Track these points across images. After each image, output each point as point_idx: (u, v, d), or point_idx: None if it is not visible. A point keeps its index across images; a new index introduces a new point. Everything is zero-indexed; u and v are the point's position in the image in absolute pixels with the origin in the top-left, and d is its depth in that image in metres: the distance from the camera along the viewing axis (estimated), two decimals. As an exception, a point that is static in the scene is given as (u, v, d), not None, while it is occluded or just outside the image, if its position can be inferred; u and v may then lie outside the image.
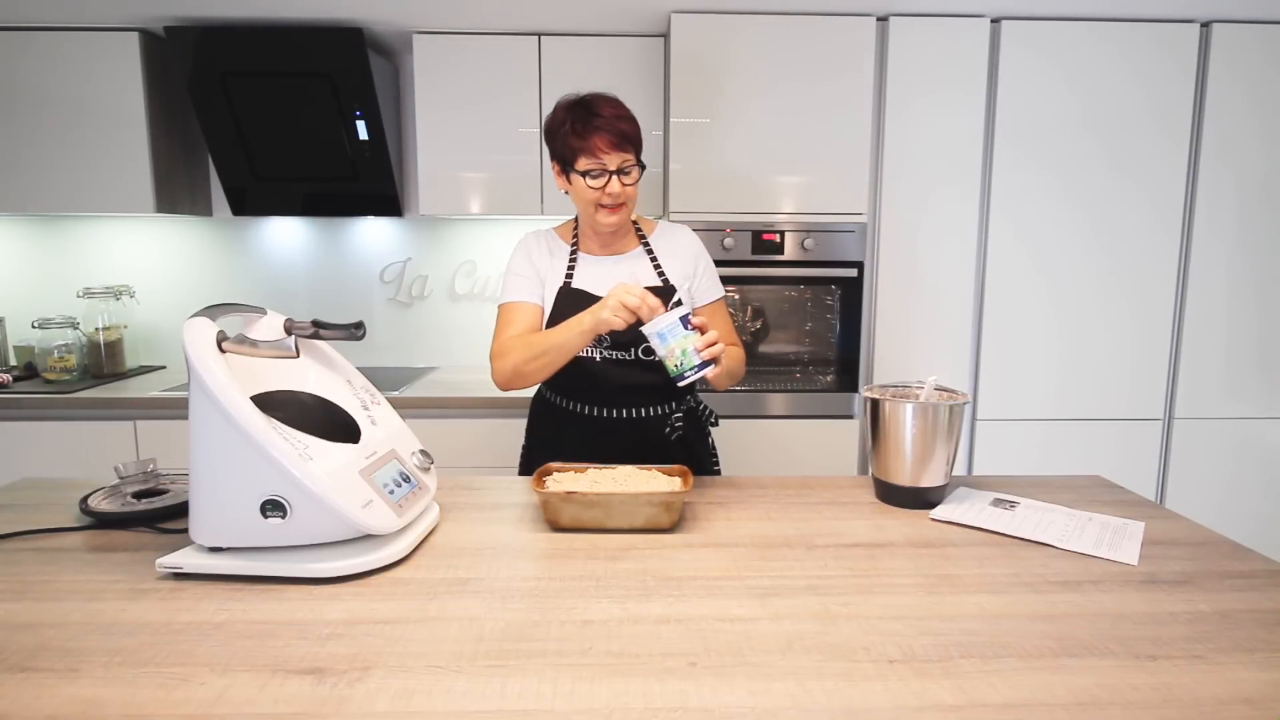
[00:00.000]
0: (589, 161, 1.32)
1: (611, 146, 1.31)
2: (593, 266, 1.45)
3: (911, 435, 1.18)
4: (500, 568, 0.98)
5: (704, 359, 1.17)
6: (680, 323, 1.17)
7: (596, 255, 1.46)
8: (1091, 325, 2.36)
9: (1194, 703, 0.69)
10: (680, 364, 1.17)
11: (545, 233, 1.51)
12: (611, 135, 1.30)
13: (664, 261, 1.47)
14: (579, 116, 1.32)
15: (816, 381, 2.38)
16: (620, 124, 1.31)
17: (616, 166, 1.33)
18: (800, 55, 2.21)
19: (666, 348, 1.17)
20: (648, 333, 1.18)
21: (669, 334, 1.17)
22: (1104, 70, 2.25)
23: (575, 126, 1.31)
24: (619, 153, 1.32)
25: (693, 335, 1.17)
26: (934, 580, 0.95)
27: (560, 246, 1.48)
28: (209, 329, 0.95)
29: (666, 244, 1.49)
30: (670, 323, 1.17)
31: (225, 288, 2.74)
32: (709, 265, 1.51)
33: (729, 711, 0.68)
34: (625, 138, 1.31)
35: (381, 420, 1.11)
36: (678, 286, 1.43)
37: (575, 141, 1.32)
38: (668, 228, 1.53)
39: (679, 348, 1.16)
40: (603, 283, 1.42)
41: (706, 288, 1.50)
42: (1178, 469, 2.42)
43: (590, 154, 1.32)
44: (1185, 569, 0.98)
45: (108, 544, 1.06)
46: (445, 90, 2.37)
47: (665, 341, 1.17)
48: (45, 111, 2.32)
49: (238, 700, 0.69)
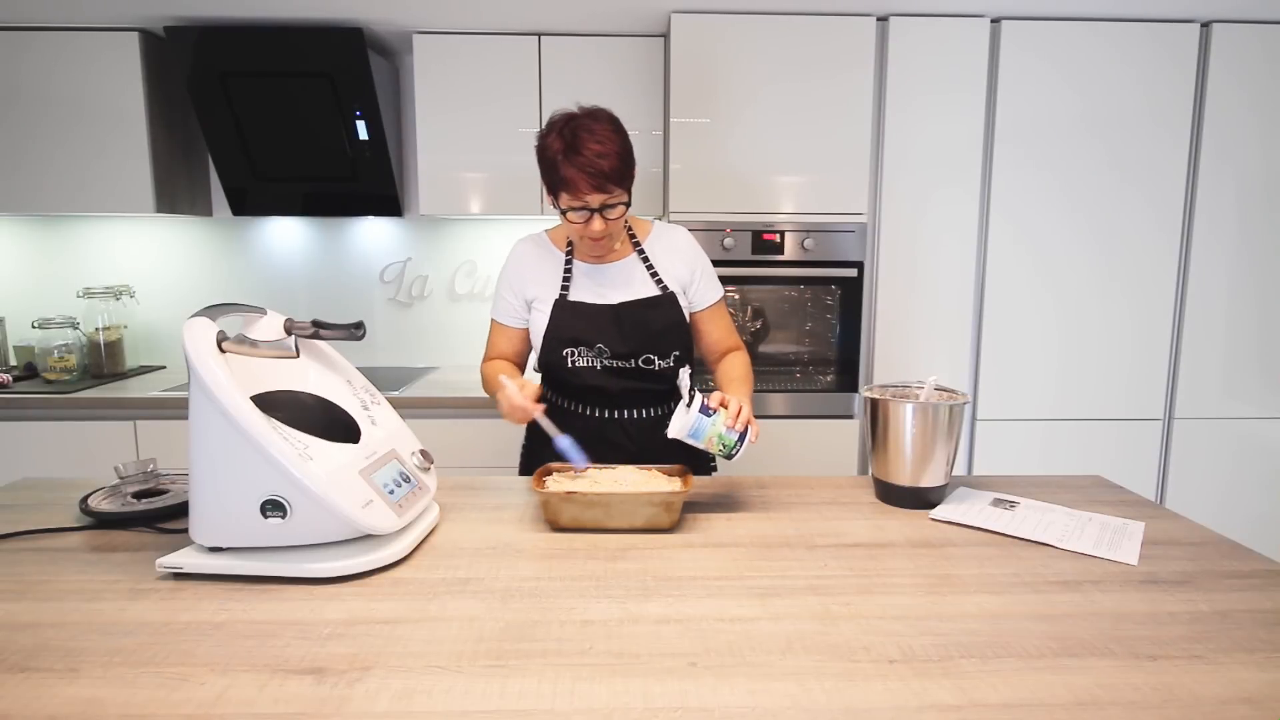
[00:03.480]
0: (571, 199, 1.28)
1: (593, 188, 1.26)
2: (588, 276, 1.43)
3: (911, 435, 1.18)
4: (500, 568, 0.98)
5: (740, 430, 1.18)
6: (701, 414, 1.17)
7: (591, 263, 1.44)
8: (1091, 325, 2.36)
9: (1194, 703, 0.69)
10: (723, 449, 1.18)
11: (537, 238, 1.49)
12: (593, 178, 1.25)
13: (660, 267, 1.44)
14: (564, 150, 1.26)
15: (816, 381, 2.38)
16: (602, 163, 1.25)
17: (599, 205, 1.29)
18: (800, 55, 2.21)
19: (703, 442, 1.18)
20: (680, 437, 1.18)
21: (699, 431, 1.17)
22: (1104, 70, 2.25)
23: (559, 161, 1.27)
24: (600, 193, 1.27)
25: (718, 417, 1.18)
26: (934, 580, 0.95)
27: (553, 255, 1.46)
28: (209, 329, 0.95)
29: (662, 248, 1.46)
30: (694, 422, 1.17)
31: (225, 288, 2.74)
32: (706, 267, 1.49)
33: (729, 711, 0.68)
34: (607, 177, 1.26)
35: (381, 420, 1.11)
36: (676, 293, 1.43)
37: (556, 177, 1.28)
38: (663, 230, 1.49)
39: (713, 435, 1.17)
40: (599, 293, 1.41)
41: (705, 290, 1.48)
42: (1178, 469, 2.42)
43: (572, 193, 1.27)
44: (1185, 569, 0.98)
45: (108, 544, 1.06)
46: (445, 90, 2.37)
47: (699, 438, 1.18)
48: (45, 111, 2.32)
49: (238, 700, 0.69)
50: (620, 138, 1.29)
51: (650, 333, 1.40)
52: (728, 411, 1.18)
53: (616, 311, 1.40)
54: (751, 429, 1.19)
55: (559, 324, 1.40)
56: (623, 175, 1.29)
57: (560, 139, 1.27)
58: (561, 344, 1.40)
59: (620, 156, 1.28)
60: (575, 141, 1.26)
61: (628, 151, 1.30)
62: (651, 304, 1.41)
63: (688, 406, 1.17)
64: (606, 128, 1.28)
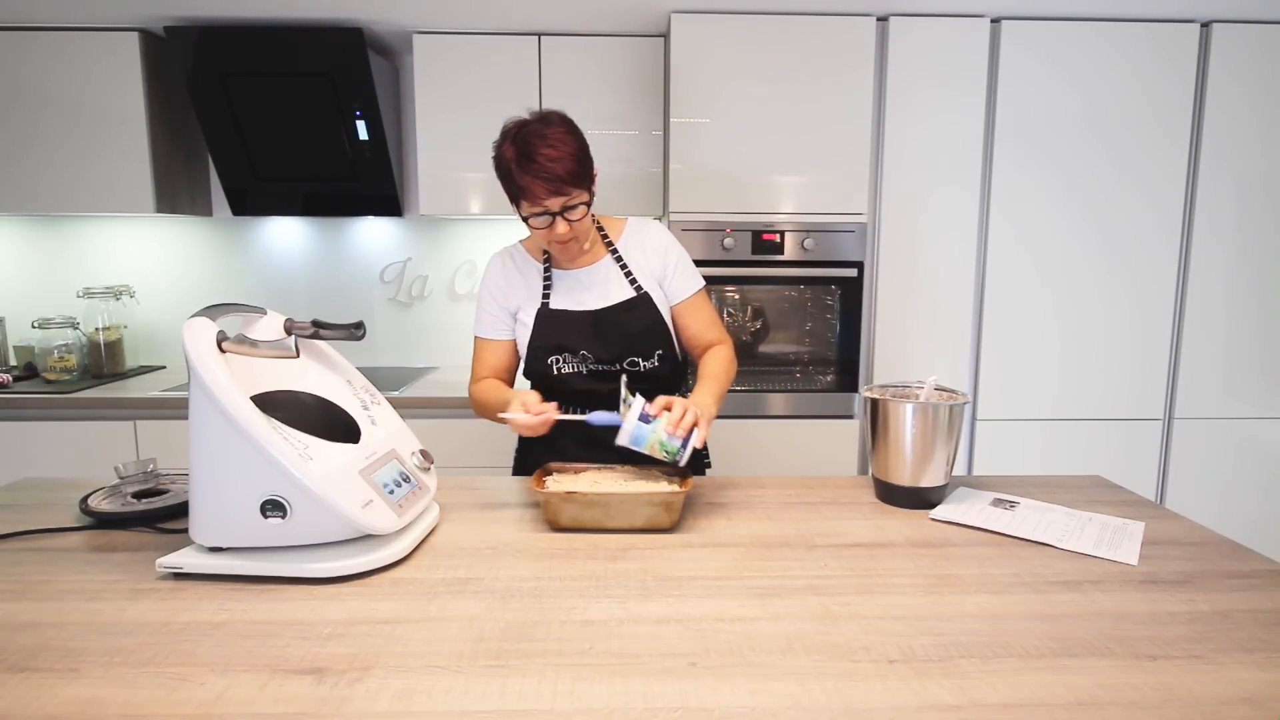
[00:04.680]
0: (530, 206, 1.28)
1: (550, 193, 1.25)
2: (566, 282, 1.42)
3: (911, 435, 1.18)
4: (500, 568, 0.98)
5: (682, 436, 1.14)
6: (641, 421, 1.14)
7: (567, 269, 1.43)
8: (1092, 325, 2.36)
9: (1194, 703, 0.69)
10: (668, 453, 1.14)
11: (512, 250, 1.48)
12: (547, 182, 1.24)
13: (633, 267, 1.43)
14: (517, 158, 1.25)
15: (816, 381, 2.38)
16: (556, 167, 1.23)
17: (559, 208, 1.27)
18: (800, 55, 2.21)
19: (646, 447, 1.15)
20: (625, 445, 1.15)
21: (639, 438, 1.14)
22: (1104, 70, 2.25)
23: (513, 169, 1.25)
24: (559, 196, 1.26)
25: (659, 423, 1.14)
26: (934, 580, 0.95)
27: (530, 265, 1.45)
28: (209, 329, 0.95)
29: (636, 246, 1.45)
30: (633, 429, 1.14)
31: (225, 288, 2.74)
32: (680, 258, 1.46)
33: (729, 711, 0.68)
34: (564, 180, 1.24)
35: (381, 420, 1.11)
36: (651, 292, 1.41)
37: (513, 186, 1.27)
38: (636, 227, 1.47)
39: (655, 441, 1.14)
40: (578, 299, 1.41)
41: (682, 282, 1.45)
42: (1178, 469, 2.42)
43: (531, 200, 1.26)
44: (1185, 569, 0.98)
45: (108, 544, 1.06)
46: (445, 90, 2.37)
47: (641, 444, 1.14)
48: (45, 111, 2.31)
49: (238, 700, 0.69)
50: (574, 139, 1.28)
51: (630, 335, 1.39)
52: (670, 416, 1.15)
53: (596, 318, 1.39)
54: (696, 434, 1.15)
55: (543, 332, 1.40)
56: (579, 176, 1.27)
57: (513, 147, 1.26)
58: (546, 352, 1.40)
59: (575, 158, 1.26)
60: (528, 148, 1.24)
61: (583, 151, 1.29)
62: (628, 307, 1.40)
63: (624, 413, 1.15)
64: (559, 130, 1.27)
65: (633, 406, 1.15)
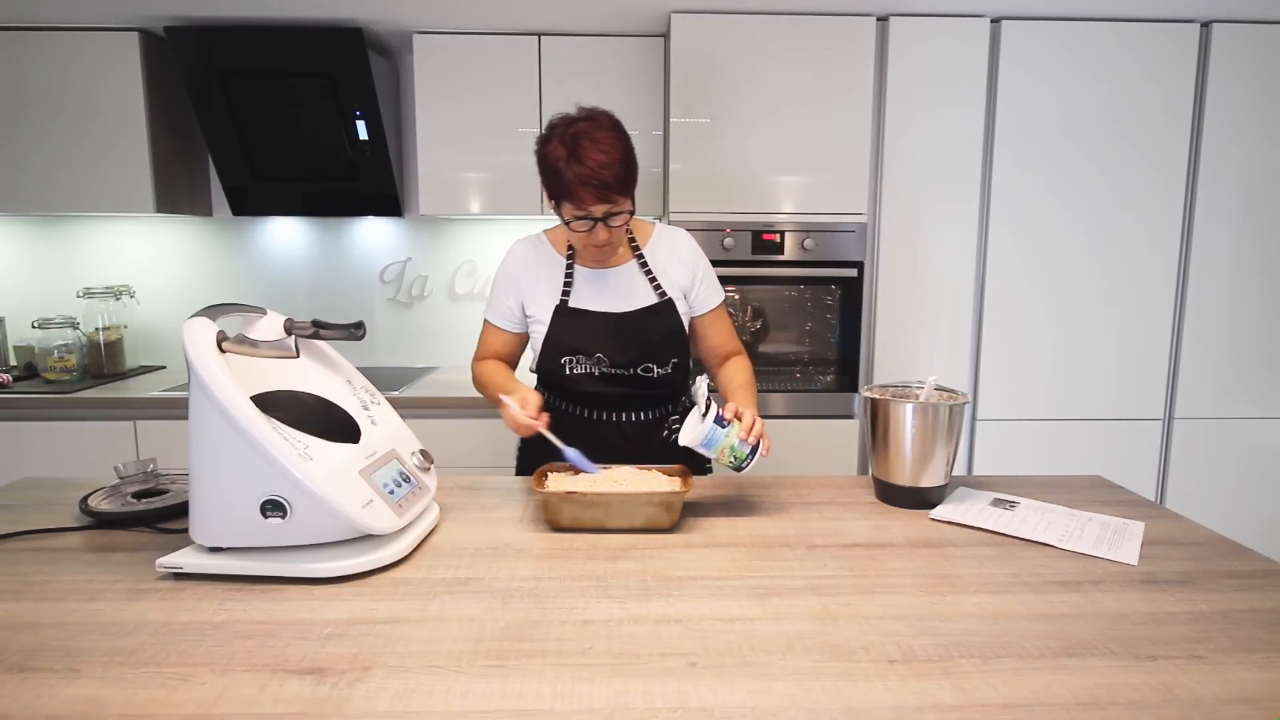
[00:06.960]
0: (574, 209, 1.26)
1: (597, 199, 1.24)
2: (588, 282, 1.41)
3: (911, 435, 1.18)
4: (500, 568, 0.98)
5: (753, 444, 1.18)
6: (716, 425, 1.17)
7: (591, 268, 1.42)
8: (1092, 325, 2.36)
9: (1194, 703, 0.69)
10: (734, 461, 1.18)
11: (536, 240, 1.46)
12: (597, 189, 1.23)
13: (659, 273, 1.42)
14: (566, 158, 1.23)
15: (816, 381, 2.38)
16: (606, 173, 1.22)
17: (602, 214, 1.27)
18: (800, 55, 2.21)
19: (715, 452, 1.18)
20: (693, 446, 1.19)
21: (712, 441, 1.18)
22: (1104, 70, 2.25)
23: (561, 169, 1.23)
24: (604, 203, 1.25)
25: (732, 429, 1.18)
26: (934, 580, 0.95)
27: (553, 258, 1.43)
28: (209, 329, 0.95)
29: (663, 253, 1.44)
30: (708, 431, 1.17)
31: (225, 288, 2.74)
32: (708, 271, 1.47)
33: (729, 711, 0.68)
34: (612, 187, 1.23)
35: (381, 420, 1.11)
36: (675, 300, 1.41)
37: (558, 186, 1.25)
38: (664, 233, 1.47)
39: (726, 447, 1.18)
40: (600, 300, 1.40)
41: (706, 295, 1.46)
42: (1178, 469, 2.42)
43: (575, 203, 1.25)
44: (1185, 569, 0.98)
45: (108, 544, 1.06)
46: (445, 90, 2.37)
47: (712, 449, 1.18)
48: (45, 111, 2.31)
49: (238, 700, 0.69)
50: (623, 144, 1.27)
51: (649, 342, 1.39)
52: (742, 424, 1.18)
53: (616, 322, 1.39)
54: (764, 443, 1.20)
55: (559, 331, 1.39)
56: (627, 184, 1.27)
57: (562, 145, 1.24)
58: (561, 352, 1.39)
59: (624, 165, 1.25)
60: (577, 150, 1.22)
61: (630, 158, 1.28)
62: (651, 313, 1.40)
63: (703, 416, 1.17)
64: (609, 135, 1.25)
65: (711, 408, 1.18)
